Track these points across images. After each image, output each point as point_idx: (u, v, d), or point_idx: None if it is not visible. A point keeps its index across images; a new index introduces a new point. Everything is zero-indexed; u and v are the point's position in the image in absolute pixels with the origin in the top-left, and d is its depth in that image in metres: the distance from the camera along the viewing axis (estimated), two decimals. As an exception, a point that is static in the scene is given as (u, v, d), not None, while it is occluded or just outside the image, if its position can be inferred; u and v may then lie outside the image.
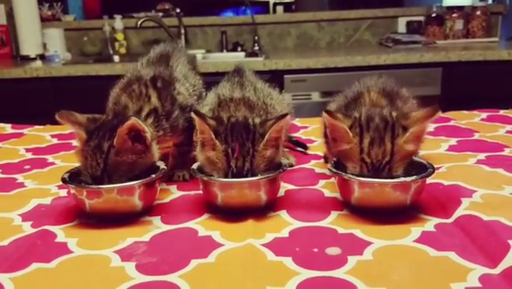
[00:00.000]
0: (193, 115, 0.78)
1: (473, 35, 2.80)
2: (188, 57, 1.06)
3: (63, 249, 0.69)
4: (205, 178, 0.78)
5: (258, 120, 0.80)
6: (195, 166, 0.82)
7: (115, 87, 0.92)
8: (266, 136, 0.76)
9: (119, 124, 0.77)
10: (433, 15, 2.84)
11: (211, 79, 1.02)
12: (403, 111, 0.79)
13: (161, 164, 0.83)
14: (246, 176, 0.76)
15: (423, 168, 0.77)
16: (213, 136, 0.77)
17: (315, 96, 2.37)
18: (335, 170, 0.78)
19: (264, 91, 0.94)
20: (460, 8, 2.80)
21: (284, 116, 0.78)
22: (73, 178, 0.79)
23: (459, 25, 2.79)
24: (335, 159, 0.81)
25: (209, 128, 0.77)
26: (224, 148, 0.76)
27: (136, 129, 0.76)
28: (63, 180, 0.78)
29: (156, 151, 0.82)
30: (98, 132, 0.77)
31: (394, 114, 0.77)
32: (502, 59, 2.33)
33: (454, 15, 2.79)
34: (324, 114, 0.78)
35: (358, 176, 0.75)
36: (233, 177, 0.76)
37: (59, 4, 2.99)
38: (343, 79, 0.94)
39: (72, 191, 0.78)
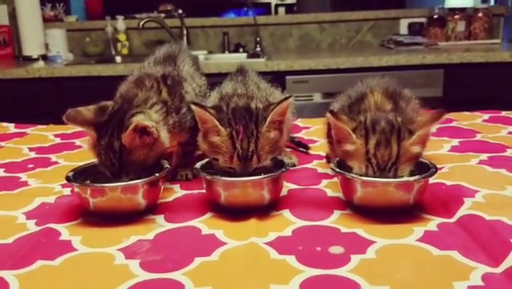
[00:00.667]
0: (192, 106, 0.79)
1: (474, 37, 2.80)
2: (192, 58, 1.07)
3: (68, 247, 0.69)
4: (209, 177, 0.78)
5: (260, 105, 0.81)
6: (198, 165, 0.83)
7: (124, 82, 0.92)
8: (269, 118, 0.78)
9: (124, 116, 0.78)
10: (435, 17, 2.84)
11: (213, 80, 1.02)
12: (408, 117, 0.79)
13: (165, 164, 0.83)
14: (252, 157, 0.77)
15: (425, 168, 0.77)
16: (217, 123, 0.77)
17: (317, 97, 2.37)
18: (337, 170, 0.78)
19: (267, 90, 0.95)
20: (462, 10, 2.80)
21: (286, 98, 0.79)
22: (77, 177, 0.80)
23: (461, 26, 2.79)
24: (337, 158, 0.82)
25: (211, 115, 0.78)
26: (229, 132, 0.77)
27: (141, 127, 0.77)
28: (67, 178, 0.78)
29: (165, 137, 0.83)
30: (107, 128, 0.78)
31: (399, 119, 0.77)
32: (504, 60, 2.33)
33: (456, 17, 2.79)
34: (328, 115, 0.78)
35: (361, 175, 0.75)
36: (239, 158, 0.77)
37: (62, 5, 2.99)
38: (344, 80, 0.95)
39: (76, 190, 0.78)
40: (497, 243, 0.64)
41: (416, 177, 0.74)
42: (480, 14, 2.78)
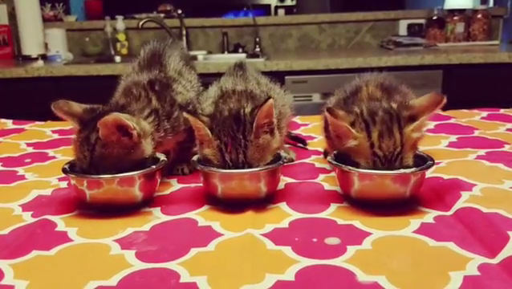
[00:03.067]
0: (185, 115, 0.78)
1: (473, 38, 2.80)
2: (180, 52, 1.03)
3: (63, 237, 0.69)
4: (206, 170, 0.78)
5: (248, 110, 0.79)
6: (195, 158, 0.82)
7: (114, 95, 0.91)
8: (254, 124, 0.76)
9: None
10: (434, 18, 2.84)
11: (212, 80, 1.01)
12: (402, 102, 0.79)
13: (162, 156, 0.83)
14: (243, 168, 0.76)
15: (423, 161, 0.77)
16: (209, 131, 0.77)
17: (316, 97, 2.37)
18: (334, 162, 0.78)
19: (267, 85, 0.95)
20: (461, 11, 2.81)
21: (266, 100, 0.76)
22: (73, 169, 0.79)
23: (460, 28, 2.79)
24: (335, 152, 0.81)
25: (203, 124, 0.77)
26: (217, 145, 0.77)
27: (121, 125, 0.75)
28: (64, 170, 0.78)
29: (147, 148, 0.80)
30: (90, 124, 0.77)
31: (394, 106, 0.77)
32: (503, 61, 2.34)
33: (455, 18, 2.80)
34: (326, 112, 0.78)
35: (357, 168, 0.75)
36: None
37: (61, 4, 3.00)
38: (343, 81, 0.94)
39: (73, 181, 0.78)
40: (494, 235, 0.64)
41: (413, 169, 0.74)
42: (479, 16, 2.79)
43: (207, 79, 1.06)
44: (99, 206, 0.78)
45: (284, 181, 0.89)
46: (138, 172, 0.76)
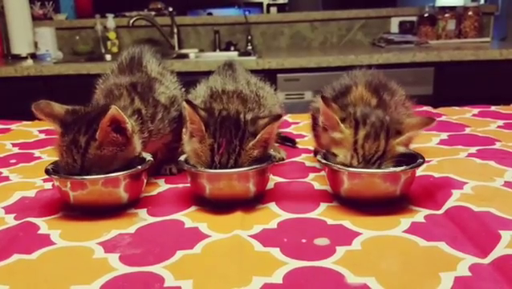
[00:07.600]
0: (184, 104, 0.76)
1: (465, 35, 2.80)
2: (157, 57, 1.01)
3: (46, 240, 0.67)
4: (193, 170, 0.76)
5: (249, 117, 0.78)
6: (182, 158, 0.81)
7: (94, 96, 0.89)
8: (258, 137, 0.75)
9: (97, 116, 0.73)
10: (426, 15, 2.84)
11: (204, 78, 0.99)
12: (395, 117, 0.79)
13: (148, 156, 0.81)
14: None
15: (413, 160, 0.76)
16: (204, 127, 0.75)
17: (308, 95, 2.36)
18: (324, 161, 0.76)
19: (257, 84, 0.93)
20: (452, 8, 2.81)
21: (278, 117, 0.76)
22: (58, 170, 0.77)
23: (451, 25, 2.79)
24: (324, 151, 0.80)
25: (200, 118, 0.75)
26: (210, 143, 0.75)
27: (117, 120, 0.73)
28: (47, 171, 0.76)
29: (137, 144, 0.79)
30: (74, 126, 0.74)
31: (387, 118, 0.76)
32: (494, 58, 2.33)
33: (446, 15, 2.79)
34: (320, 100, 0.76)
35: (345, 164, 0.74)
36: None
37: (51, 3, 2.97)
38: (335, 79, 0.93)
39: (56, 183, 0.76)
40: (485, 234, 0.63)
41: (403, 168, 0.73)
42: (470, 13, 2.79)
43: (198, 77, 1.04)
44: (83, 208, 0.76)
45: (274, 180, 0.87)
46: (123, 172, 0.75)
